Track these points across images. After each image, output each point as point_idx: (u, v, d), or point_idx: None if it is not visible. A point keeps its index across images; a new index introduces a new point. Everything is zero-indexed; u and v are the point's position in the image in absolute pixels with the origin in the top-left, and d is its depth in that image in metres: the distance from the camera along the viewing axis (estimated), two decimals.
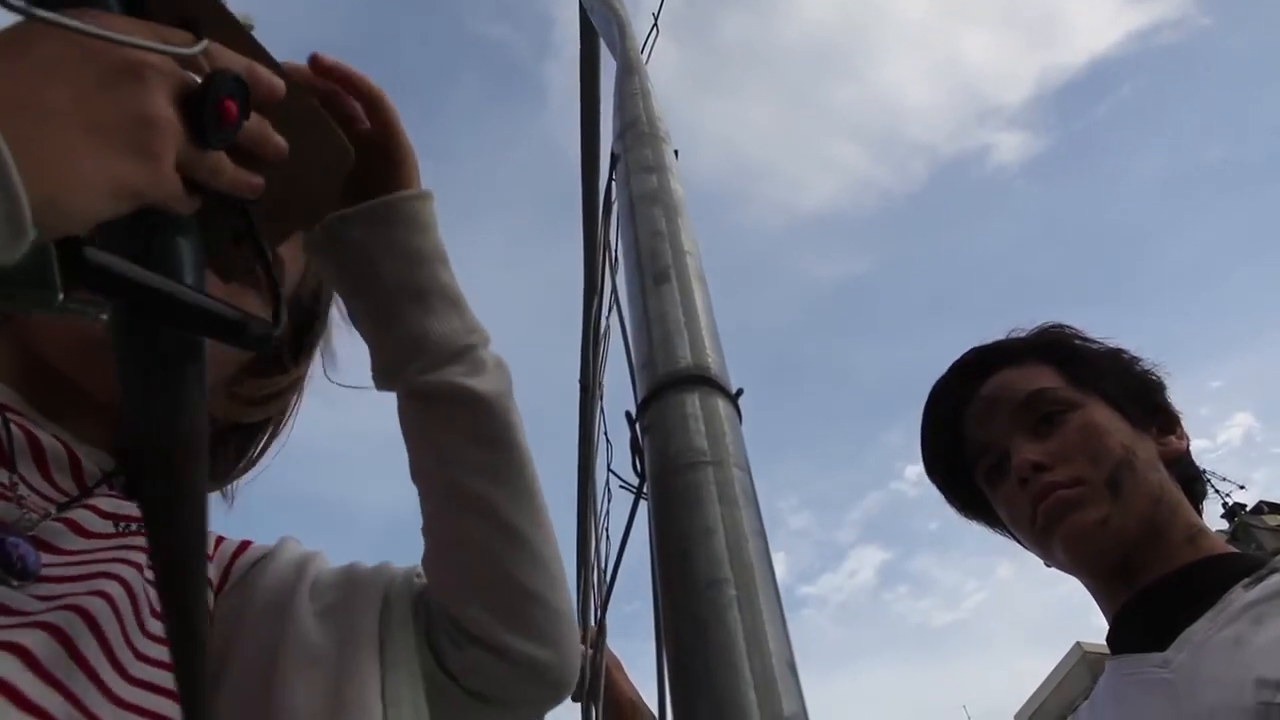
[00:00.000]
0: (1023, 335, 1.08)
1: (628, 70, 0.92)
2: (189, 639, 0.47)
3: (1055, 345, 1.05)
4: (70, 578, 0.52)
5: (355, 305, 0.65)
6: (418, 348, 0.63)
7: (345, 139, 0.54)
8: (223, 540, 0.70)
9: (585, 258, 1.53)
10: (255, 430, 0.75)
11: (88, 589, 0.52)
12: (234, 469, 0.74)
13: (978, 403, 1.03)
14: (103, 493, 0.59)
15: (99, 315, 0.42)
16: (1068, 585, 0.99)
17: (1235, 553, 0.93)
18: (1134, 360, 1.05)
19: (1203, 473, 1.04)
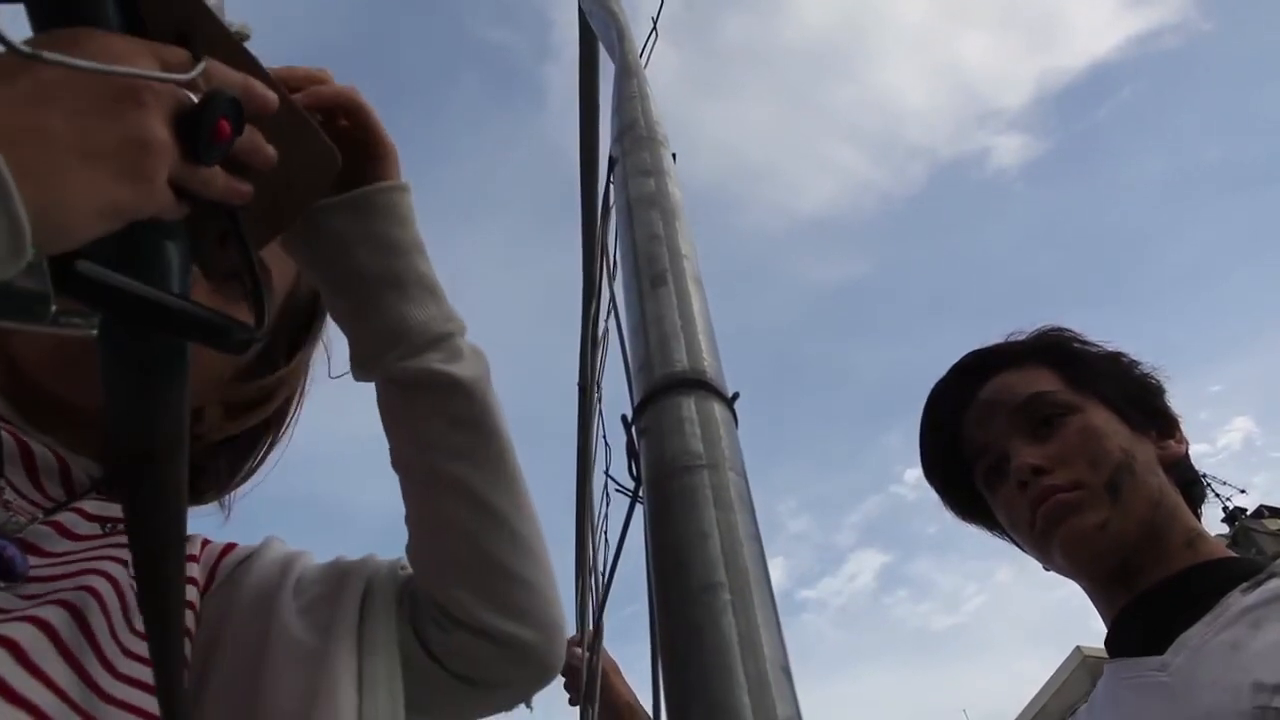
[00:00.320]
0: (1022, 338, 1.08)
1: (626, 73, 0.92)
2: (163, 624, 0.48)
3: (1054, 348, 1.05)
4: (57, 577, 0.53)
5: (333, 295, 0.66)
6: (395, 335, 0.63)
7: (331, 144, 0.55)
8: (208, 542, 0.70)
9: (584, 260, 1.54)
10: (253, 441, 0.75)
11: (75, 585, 0.53)
12: (228, 484, 0.74)
13: (977, 406, 1.03)
14: (90, 497, 0.59)
15: (90, 330, 0.43)
16: (1067, 589, 1.00)
17: (1234, 557, 0.92)
18: (1133, 364, 1.05)
19: (1203, 477, 1.04)
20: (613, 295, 0.74)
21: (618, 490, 0.56)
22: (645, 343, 0.54)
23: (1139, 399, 1.01)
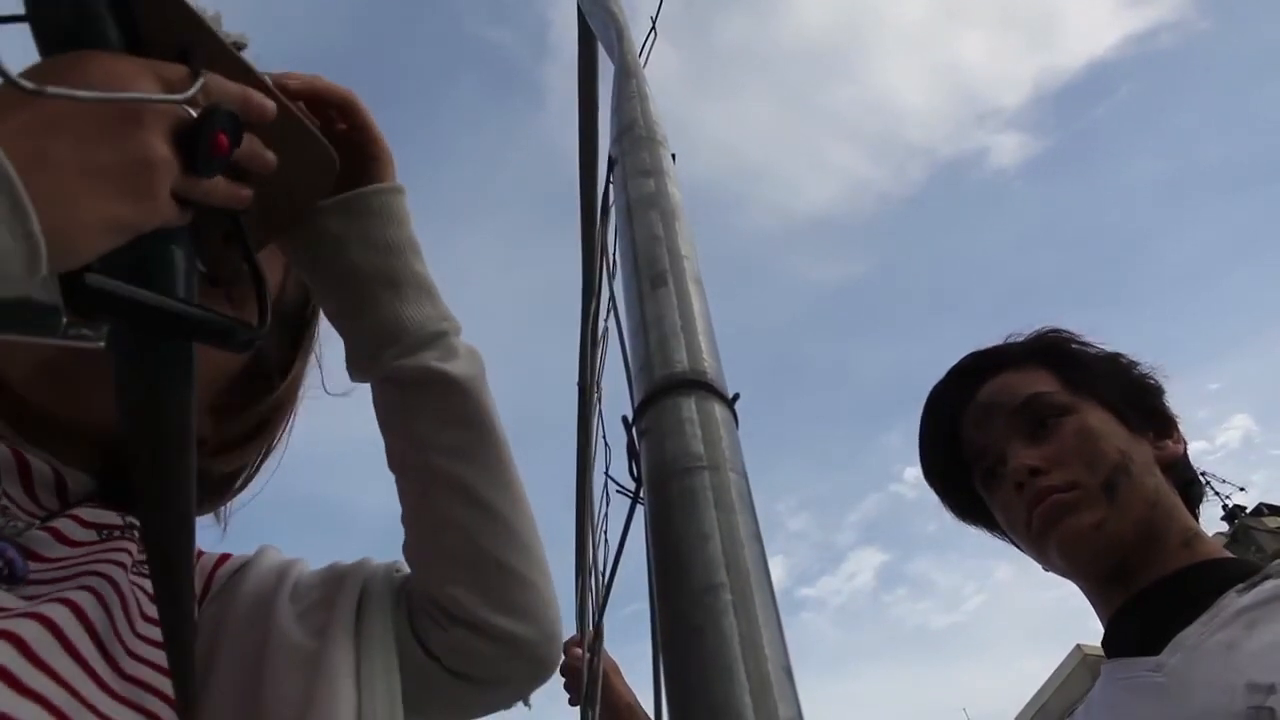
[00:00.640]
0: (1020, 340, 1.09)
1: (625, 73, 0.91)
2: (177, 608, 0.50)
3: (1052, 350, 1.05)
4: (56, 580, 0.53)
5: (328, 296, 0.66)
6: (391, 334, 0.64)
7: (330, 146, 0.57)
8: (203, 553, 0.70)
9: (583, 260, 1.53)
10: (246, 450, 0.74)
11: (76, 586, 0.53)
12: (223, 493, 0.74)
13: (975, 407, 1.03)
14: (87, 505, 0.59)
15: (99, 341, 0.45)
16: (1066, 587, 1.00)
17: (1230, 558, 0.93)
18: (1131, 364, 1.05)
19: (1202, 475, 1.05)
20: (612, 295, 0.74)
21: (618, 491, 0.56)
22: (645, 344, 0.54)
23: (1136, 400, 1.01)
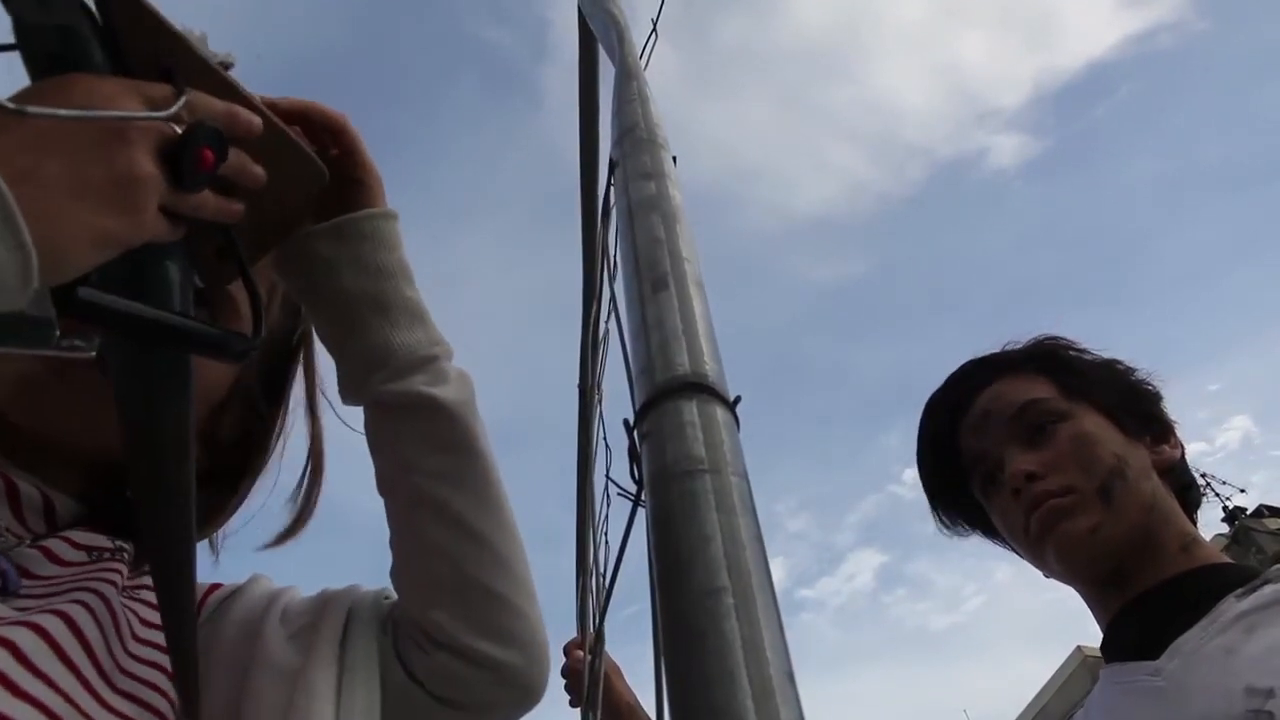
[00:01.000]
0: (1017, 347, 1.10)
1: (626, 76, 0.91)
2: (179, 622, 0.51)
3: (1048, 356, 1.06)
4: (48, 594, 0.53)
5: (321, 320, 0.67)
6: (381, 359, 0.64)
7: (318, 159, 0.58)
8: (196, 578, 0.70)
9: (584, 262, 1.53)
10: (234, 476, 0.74)
11: (68, 600, 0.53)
12: (215, 518, 0.73)
13: (973, 414, 1.04)
14: (77, 529, 0.59)
15: (90, 352, 0.46)
16: (1066, 589, 1.01)
17: (1229, 562, 0.93)
18: (1128, 370, 1.06)
19: (1202, 476, 1.05)
20: (613, 297, 0.74)
21: (619, 494, 0.56)
22: (647, 346, 0.54)
23: (1133, 405, 1.02)
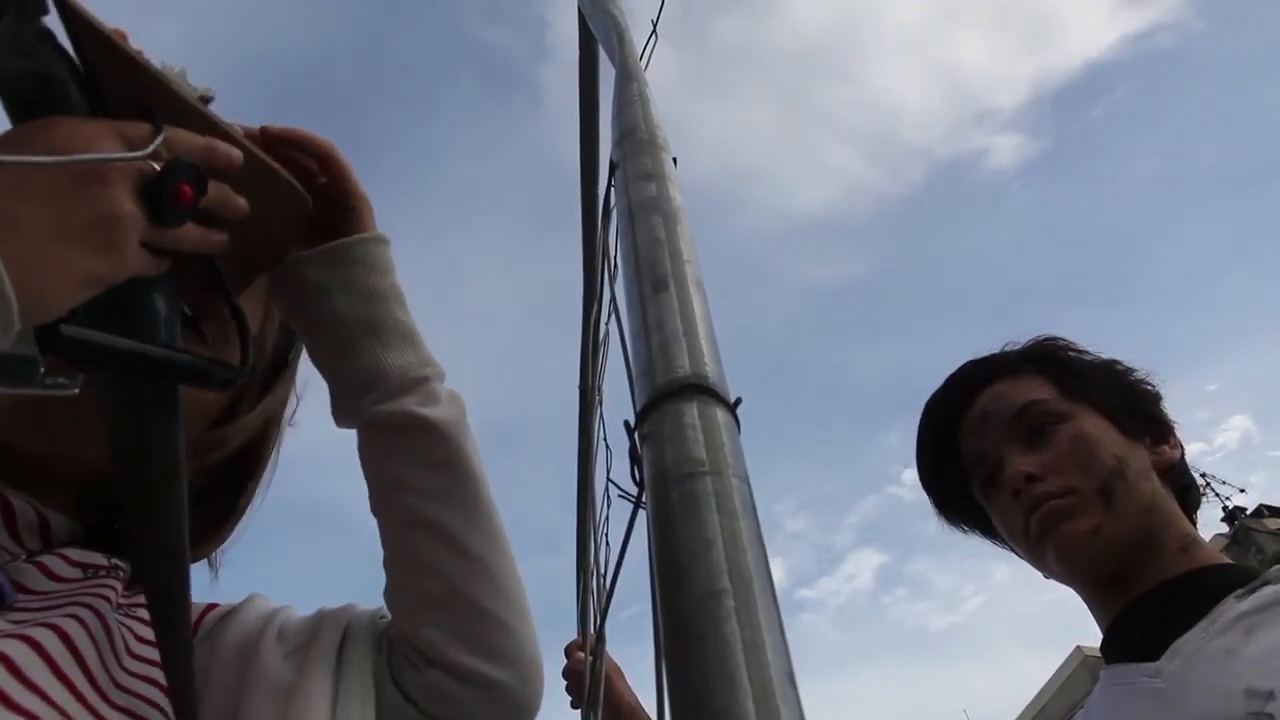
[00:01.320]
0: (1017, 348, 1.10)
1: (626, 77, 0.92)
2: (175, 635, 0.52)
3: (1048, 357, 1.06)
4: (43, 609, 0.53)
5: (313, 343, 0.68)
6: (372, 380, 0.65)
7: (300, 187, 0.58)
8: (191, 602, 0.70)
9: (585, 264, 1.53)
10: (231, 493, 0.74)
11: (63, 614, 0.53)
12: (211, 536, 0.73)
13: (972, 415, 1.04)
14: (72, 547, 0.59)
15: (74, 388, 0.46)
16: (1066, 589, 1.01)
17: (1229, 563, 0.93)
18: (1127, 371, 1.06)
19: (1202, 476, 1.05)
20: (614, 298, 0.74)
21: (620, 496, 0.56)
22: (647, 348, 0.54)
23: (1133, 405, 1.02)
